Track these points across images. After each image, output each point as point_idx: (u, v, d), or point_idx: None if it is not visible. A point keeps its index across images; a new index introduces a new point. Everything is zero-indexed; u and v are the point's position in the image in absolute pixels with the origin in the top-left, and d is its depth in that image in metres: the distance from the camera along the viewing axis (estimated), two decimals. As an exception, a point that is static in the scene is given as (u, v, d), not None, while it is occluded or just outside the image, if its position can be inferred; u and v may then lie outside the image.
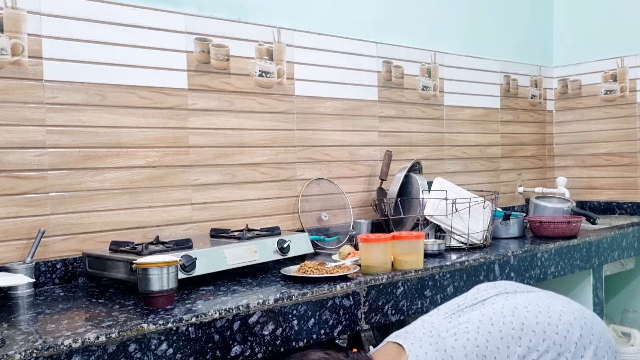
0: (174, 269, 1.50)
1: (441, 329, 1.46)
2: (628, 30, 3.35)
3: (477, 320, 1.46)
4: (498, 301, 1.53)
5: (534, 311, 1.46)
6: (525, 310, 1.46)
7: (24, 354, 1.16)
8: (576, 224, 2.51)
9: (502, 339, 1.40)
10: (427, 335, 1.45)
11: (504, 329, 1.42)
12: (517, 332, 1.41)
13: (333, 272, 1.74)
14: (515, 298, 1.53)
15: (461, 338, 1.41)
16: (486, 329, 1.43)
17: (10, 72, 1.76)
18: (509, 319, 1.44)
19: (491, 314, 1.47)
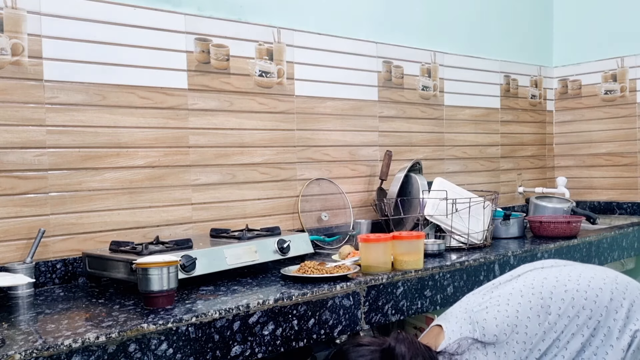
0: (174, 269, 1.50)
1: (474, 304, 1.51)
2: (628, 30, 3.36)
3: (508, 294, 1.50)
4: (530, 275, 1.56)
5: (563, 280, 1.49)
6: (554, 280, 1.50)
7: (24, 354, 1.16)
8: (576, 224, 2.51)
9: (531, 308, 1.44)
10: (462, 312, 1.50)
11: (532, 299, 1.46)
12: (546, 301, 1.45)
13: (333, 272, 1.74)
14: (548, 271, 1.57)
15: (492, 310, 1.46)
16: (516, 300, 1.46)
17: (10, 72, 1.76)
18: (538, 290, 1.47)
19: (521, 286, 1.51)
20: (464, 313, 1.50)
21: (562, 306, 1.44)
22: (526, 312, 1.44)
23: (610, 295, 1.45)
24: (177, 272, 1.51)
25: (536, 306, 1.45)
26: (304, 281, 1.72)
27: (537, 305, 1.45)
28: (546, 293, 1.46)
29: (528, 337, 1.42)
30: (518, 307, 1.45)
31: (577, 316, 1.43)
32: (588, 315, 1.42)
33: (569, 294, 1.45)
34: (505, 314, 1.44)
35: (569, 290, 1.46)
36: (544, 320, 1.43)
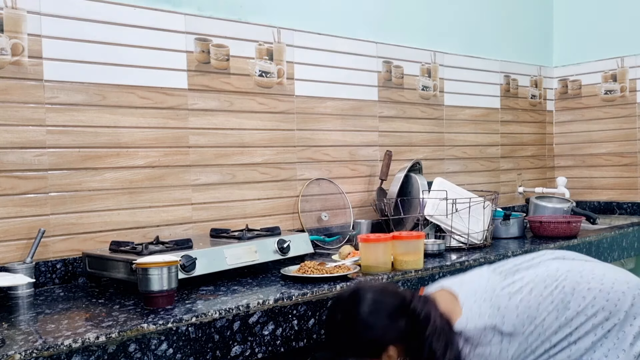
0: (174, 269, 1.50)
1: (496, 285, 1.49)
2: (628, 30, 3.36)
3: (531, 281, 1.48)
4: (553, 265, 1.54)
5: (587, 277, 1.47)
6: (578, 276, 1.48)
7: (24, 354, 1.16)
8: (576, 224, 2.51)
9: (552, 302, 1.43)
10: (481, 290, 1.48)
11: (555, 293, 1.44)
12: (567, 296, 1.43)
13: (333, 272, 1.74)
14: (571, 264, 1.55)
15: (515, 298, 1.44)
16: (539, 291, 1.45)
17: (10, 72, 1.76)
18: (561, 283, 1.46)
19: (545, 275, 1.49)
20: (484, 293, 1.47)
21: (582, 304, 1.43)
22: (547, 306, 1.43)
23: (632, 300, 1.42)
24: (177, 272, 1.51)
25: (557, 300, 1.43)
26: (304, 281, 1.72)
27: (558, 300, 1.43)
28: (569, 288, 1.44)
29: (543, 329, 1.41)
30: (540, 299, 1.43)
31: (594, 315, 1.41)
32: (605, 317, 1.41)
33: (591, 292, 1.44)
34: (527, 304, 1.43)
35: (591, 288, 1.44)
36: (561, 315, 1.42)
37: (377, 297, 1.42)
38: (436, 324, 1.39)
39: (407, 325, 1.39)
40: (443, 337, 1.38)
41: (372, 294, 1.43)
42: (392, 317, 1.40)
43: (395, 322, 1.39)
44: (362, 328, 1.39)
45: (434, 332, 1.37)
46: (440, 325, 1.39)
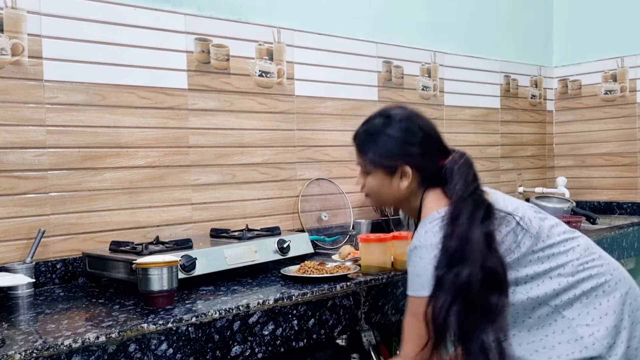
0: (174, 269, 1.50)
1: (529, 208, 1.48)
2: (628, 30, 3.36)
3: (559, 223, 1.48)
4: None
5: (603, 252, 1.48)
6: (597, 247, 1.48)
7: (24, 354, 1.16)
8: (576, 224, 2.51)
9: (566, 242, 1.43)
10: (513, 200, 1.49)
11: (570, 241, 1.44)
12: (581, 248, 1.44)
13: (333, 272, 1.74)
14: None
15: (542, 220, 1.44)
16: (561, 230, 1.45)
17: (10, 72, 1.75)
18: (578, 239, 1.46)
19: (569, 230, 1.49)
20: (514, 202, 1.46)
21: (588, 259, 1.42)
22: (561, 243, 1.42)
23: (627, 289, 1.42)
24: (177, 272, 1.51)
25: (569, 245, 1.43)
26: (304, 281, 1.72)
27: (570, 246, 1.43)
28: (584, 244, 1.45)
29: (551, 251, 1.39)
30: (560, 237, 1.42)
31: (595, 276, 1.40)
32: (606, 280, 1.40)
33: (600, 260, 1.44)
34: (547, 229, 1.42)
35: (602, 256, 1.45)
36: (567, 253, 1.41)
37: (425, 124, 1.47)
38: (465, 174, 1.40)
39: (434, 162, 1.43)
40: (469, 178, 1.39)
41: (423, 120, 1.48)
42: (424, 145, 1.45)
43: (422, 150, 1.44)
44: (386, 138, 1.46)
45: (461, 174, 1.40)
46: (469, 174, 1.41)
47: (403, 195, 1.48)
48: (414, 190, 1.47)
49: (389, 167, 1.46)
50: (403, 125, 1.46)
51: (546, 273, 1.38)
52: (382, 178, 1.48)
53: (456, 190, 1.37)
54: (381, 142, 1.47)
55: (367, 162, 1.50)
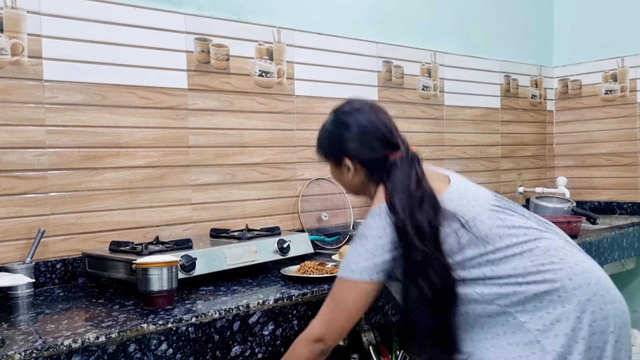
0: (174, 269, 1.50)
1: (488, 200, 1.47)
2: (628, 30, 3.35)
3: (518, 223, 1.43)
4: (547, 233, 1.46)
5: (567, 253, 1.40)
6: (560, 247, 1.40)
7: (24, 354, 1.15)
8: (576, 224, 2.51)
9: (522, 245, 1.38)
10: (473, 190, 1.49)
11: (530, 243, 1.38)
12: (537, 250, 1.38)
13: (333, 272, 1.74)
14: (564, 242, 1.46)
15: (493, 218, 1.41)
16: (516, 232, 1.40)
17: (10, 72, 1.75)
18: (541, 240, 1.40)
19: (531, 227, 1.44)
20: (473, 194, 1.45)
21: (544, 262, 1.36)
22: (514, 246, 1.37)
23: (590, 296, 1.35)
24: (177, 272, 1.51)
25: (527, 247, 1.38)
26: (304, 281, 1.71)
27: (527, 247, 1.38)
28: (543, 247, 1.39)
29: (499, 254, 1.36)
30: (514, 239, 1.38)
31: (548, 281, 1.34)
32: (555, 288, 1.33)
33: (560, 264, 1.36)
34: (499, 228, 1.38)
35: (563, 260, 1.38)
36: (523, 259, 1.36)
37: (365, 118, 1.48)
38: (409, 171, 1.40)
39: (378, 156, 1.44)
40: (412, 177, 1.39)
41: (364, 114, 1.48)
42: (360, 139, 1.45)
43: (359, 144, 1.45)
44: (325, 133, 1.53)
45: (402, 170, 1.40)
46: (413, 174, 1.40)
47: (357, 186, 1.52)
48: (364, 182, 1.49)
49: (333, 160, 1.53)
50: (340, 119, 1.50)
51: (496, 276, 1.34)
52: (334, 169, 1.54)
53: (395, 185, 1.38)
54: (323, 136, 1.55)
55: (318, 154, 1.58)
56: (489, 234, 1.36)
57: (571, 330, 1.31)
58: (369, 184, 1.49)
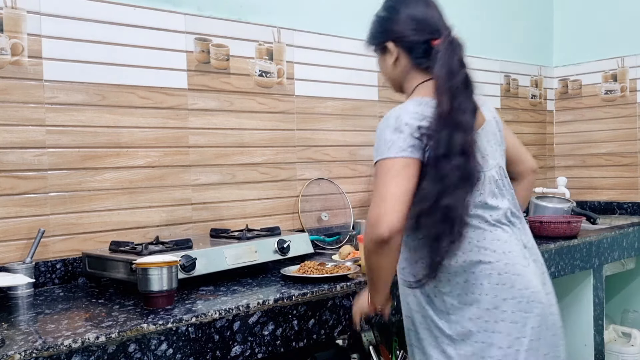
0: (174, 269, 1.50)
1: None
2: (628, 30, 3.35)
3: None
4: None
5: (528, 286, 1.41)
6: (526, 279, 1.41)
7: (24, 354, 1.16)
8: (576, 224, 2.51)
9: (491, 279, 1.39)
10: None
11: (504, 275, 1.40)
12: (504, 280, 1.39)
13: (333, 272, 1.74)
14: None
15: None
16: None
17: (10, 72, 1.75)
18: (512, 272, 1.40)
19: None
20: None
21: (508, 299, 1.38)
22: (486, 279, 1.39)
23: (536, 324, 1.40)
24: (177, 272, 1.51)
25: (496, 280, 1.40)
26: (304, 281, 1.71)
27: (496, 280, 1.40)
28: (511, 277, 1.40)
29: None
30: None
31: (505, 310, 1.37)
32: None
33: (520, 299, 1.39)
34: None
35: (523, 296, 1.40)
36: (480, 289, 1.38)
37: (415, 3, 1.49)
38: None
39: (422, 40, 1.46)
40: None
41: (414, 2, 1.50)
42: (407, 22, 1.47)
43: (405, 27, 1.47)
44: (375, 19, 1.54)
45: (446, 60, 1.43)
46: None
47: (398, 76, 1.53)
48: (406, 70, 1.50)
49: (378, 47, 1.54)
50: (388, 4, 1.53)
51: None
52: (380, 59, 1.57)
53: (439, 78, 1.40)
54: (372, 24, 1.56)
55: (368, 46, 1.58)
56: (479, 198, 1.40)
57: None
58: (411, 74, 1.49)
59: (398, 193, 1.29)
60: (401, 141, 1.33)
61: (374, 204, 1.30)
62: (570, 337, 2.61)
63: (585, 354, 2.57)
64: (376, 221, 1.27)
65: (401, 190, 1.29)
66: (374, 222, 1.28)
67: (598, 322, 2.59)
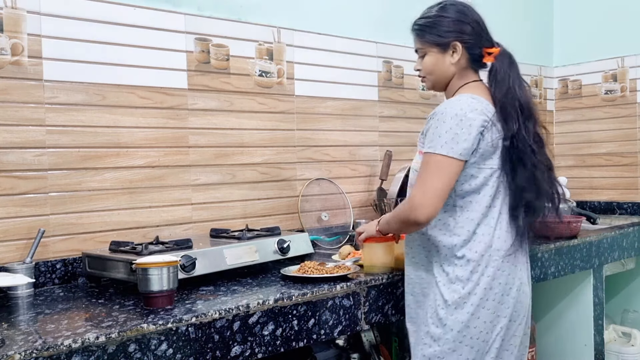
0: (174, 269, 1.50)
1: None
2: (628, 30, 3.35)
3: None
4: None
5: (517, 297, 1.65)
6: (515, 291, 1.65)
7: (24, 354, 1.15)
8: (576, 224, 2.51)
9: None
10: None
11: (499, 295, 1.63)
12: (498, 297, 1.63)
13: (333, 272, 1.74)
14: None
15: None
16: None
17: (10, 72, 1.75)
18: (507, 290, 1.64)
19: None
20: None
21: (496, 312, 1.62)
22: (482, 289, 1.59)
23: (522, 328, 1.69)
24: (177, 272, 1.51)
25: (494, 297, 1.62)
26: (304, 281, 1.71)
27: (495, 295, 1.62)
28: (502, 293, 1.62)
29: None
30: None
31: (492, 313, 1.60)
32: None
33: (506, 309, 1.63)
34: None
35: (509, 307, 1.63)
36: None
37: (475, 12, 1.71)
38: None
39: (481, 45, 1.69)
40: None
41: (473, 9, 1.71)
42: (473, 26, 1.68)
43: (472, 30, 1.67)
44: (442, 19, 1.68)
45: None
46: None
47: (451, 74, 1.68)
48: (461, 68, 1.67)
49: (443, 44, 1.66)
50: (457, 8, 1.68)
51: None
52: (437, 56, 1.68)
53: (500, 90, 1.63)
54: (438, 23, 1.69)
55: (425, 44, 1.72)
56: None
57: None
58: (464, 73, 1.68)
59: (442, 188, 1.52)
60: (462, 141, 1.52)
61: (422, 192, 1.52)
62: (570, 337, 2.61)
63: (585, 354, 2.57)
64: (420, 206, 1.51)
65: (445, 188, 1.52)
66: (419, 207, 1.51)
67: (598, 322, 2.59)
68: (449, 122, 1.53)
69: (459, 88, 1.68)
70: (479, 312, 1.55)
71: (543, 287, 2.66)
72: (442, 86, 1.72)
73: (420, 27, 1.74)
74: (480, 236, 1.58)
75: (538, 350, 2.69)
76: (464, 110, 1.54)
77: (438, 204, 1.52)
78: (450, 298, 1.55)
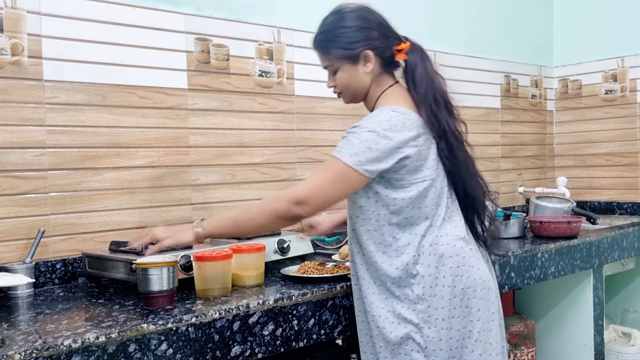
0: (174, 269, 1.50)
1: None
2: (628, 30, 3.35)
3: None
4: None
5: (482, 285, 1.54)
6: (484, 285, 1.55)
7: (24, 354, 1.15)
8: (576, 224, 2.51)
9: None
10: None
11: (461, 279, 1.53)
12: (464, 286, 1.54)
13: (333, 272, 1.74)
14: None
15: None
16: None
17: (10, 72, 1.75)
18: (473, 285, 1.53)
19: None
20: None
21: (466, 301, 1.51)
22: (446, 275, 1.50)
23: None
24: (177, 272, 1.51)
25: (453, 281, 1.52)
26: (304, 281, 1.71)
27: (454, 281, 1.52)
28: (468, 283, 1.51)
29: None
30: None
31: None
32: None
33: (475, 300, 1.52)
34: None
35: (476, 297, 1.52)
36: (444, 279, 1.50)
37: (374, 12, 1.59)
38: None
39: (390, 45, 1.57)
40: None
41: (371, 10, 1.59)
42: (378, 29, 1.56)
43: (378, 33, 1.56)
44: (344, 30, 1.57)
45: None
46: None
47: (370, 82, 1.59)
48: (376, 75, 1.58)
49: (353, 56, 1.55)
50: (356, 14, 1.57)
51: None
52: (349, 69, 1.58)
53: (420, 87, 1.59)
54: (341, 35, 1.57)
55: (333, 60, 1.59)
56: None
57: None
58: (380, 78, 1.59)
59: (334, 198, 1.45)
60: (373, 158, 1.43)
61: (311, 189, 1.44)
62: (570, 337, 2.61)
63: (585, 354, 2.57)
64: (304, 203, 1.42)
65: (337, 199, 1.46)
66: (303, 202, 1.42)
67: (598, 322, 2.59)
68: (364, 135, 1.43)
69: (378, 97, 1.59)
70: (452, 324, 1.46)
71: (543, 287, 2.66)
72: (360, 98, 1.65)
73: (323, 43, 1.61)
74: (429, 247, 1.48)
75: (538, 350, 2.69)
76: (382, 127, 1.45)
77: (321, 210, 1.48)
78: (415, 319, 1.45)
